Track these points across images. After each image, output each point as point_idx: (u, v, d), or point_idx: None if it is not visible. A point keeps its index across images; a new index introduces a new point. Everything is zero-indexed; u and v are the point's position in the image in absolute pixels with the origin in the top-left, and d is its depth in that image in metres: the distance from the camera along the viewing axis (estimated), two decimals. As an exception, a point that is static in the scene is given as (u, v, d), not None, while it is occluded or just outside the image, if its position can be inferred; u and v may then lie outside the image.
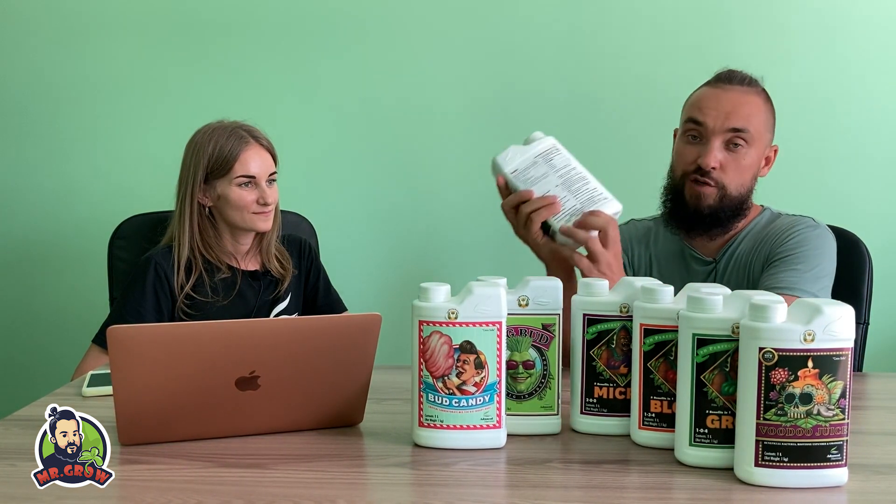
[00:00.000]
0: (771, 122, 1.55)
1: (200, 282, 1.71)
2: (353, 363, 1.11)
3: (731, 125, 1.47)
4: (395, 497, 0.94)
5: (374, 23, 2.29)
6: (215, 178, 1.71)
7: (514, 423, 1.09)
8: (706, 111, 1.50)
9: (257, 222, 1.73)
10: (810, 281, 1.44)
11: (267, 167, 1.73)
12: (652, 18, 2.25)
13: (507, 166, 1.40)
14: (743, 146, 1.48)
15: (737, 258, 1.55)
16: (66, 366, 1.96)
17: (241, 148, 1.70)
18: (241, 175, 1.69)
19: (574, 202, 1.34)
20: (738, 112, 1.48)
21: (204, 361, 1.04)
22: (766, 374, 0.92)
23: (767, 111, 1.53)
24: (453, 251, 2.32)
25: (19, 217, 2.40)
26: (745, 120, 1.47)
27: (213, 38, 2.32)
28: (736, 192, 1.50)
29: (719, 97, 1.50)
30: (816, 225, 1.52)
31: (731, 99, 1.49)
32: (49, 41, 2.34)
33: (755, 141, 1.49)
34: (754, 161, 1.50)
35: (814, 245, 1.48)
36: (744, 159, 1.48)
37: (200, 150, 1.71)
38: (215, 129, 1.72)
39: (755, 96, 1.51)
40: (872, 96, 2.22)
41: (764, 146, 1.53)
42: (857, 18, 2.21)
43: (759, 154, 1.51)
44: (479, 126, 2.31)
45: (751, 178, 1.52)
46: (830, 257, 1.51)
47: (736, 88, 1.50)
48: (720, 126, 1.48)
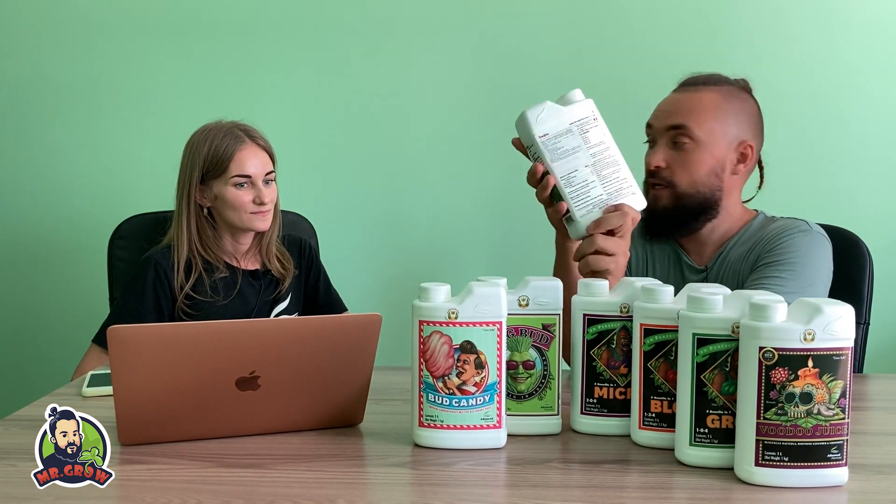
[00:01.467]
0: (734, 118, 1.48)
1: (200, 282, 1.71)
2: (353, 363, 1.11)
3: (670, 123, 1.47)
4: (395, 497, 0.94)
5: (373, 22, 2.29)
6: (211, 179, 1.71)
7: (514, 423, 1.09)
8: (654, 114, 1.52)
9: (255, 222, 1.72)
10: (795, 290, 1.38)
11: (263, 167, 1.73)
12: (652, 18, 2.25)
13: (538, 128, 1.26)
14: (688, 143, 1.46)
15: (729, 264, 1.52)
16: (66, 366, 1.96)
17: (236, 147, 1.70)
18: (236, 175, 1.69)
19: (601, 191, 1.25)
20: (678, 110, 1.47)
21: (204, 361, 1.04)
22: (767, 374, 0.92)
23: (727, 105, 1.48)
24: (453, 251, 2.32)
25: (19, 217, 2.40)
26: (685, 116, 1.46)
27: (213, 39, 2.32)
28: (690, 189, 1.47)
29: (668, 100, 1.51)
30: (808, 230, 1.48)
31: (676, 99, 1.50)
32: (49, 42, 2.34)
33: (704, 136, 1.46)
34: (708, 157, 1.46)
35: (803, 252, 1.44)
36: (690, 155, 1.46)
37: (196, 151, 1.71)
38: (211, 130, 1.72)
39: (707, 93, 1.48)
40: (873, 96, 2.22)
41: (724, 142, 1.48)
42: (858, 18, 2.21)
43: (714, 150, 1.47)
44: (479, 126, 2.31)
45: (708, 175, 1.47)
46: (821, 264, 1.47)
47: (687, 90, 1.50)
48: (662, 125, 1.48)
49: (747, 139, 1.50)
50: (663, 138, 1.49)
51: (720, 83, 1.51)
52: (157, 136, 2.35)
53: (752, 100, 1.55)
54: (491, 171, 2.32)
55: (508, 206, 2.32)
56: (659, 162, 1.48)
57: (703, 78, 1.52)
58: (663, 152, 1.48)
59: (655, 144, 1.51)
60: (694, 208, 1.49)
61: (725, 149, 1.49)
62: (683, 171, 1.47)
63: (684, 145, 1.47)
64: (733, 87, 1.53)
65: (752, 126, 1.52)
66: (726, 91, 1.50)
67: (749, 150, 1.50)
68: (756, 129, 1.53)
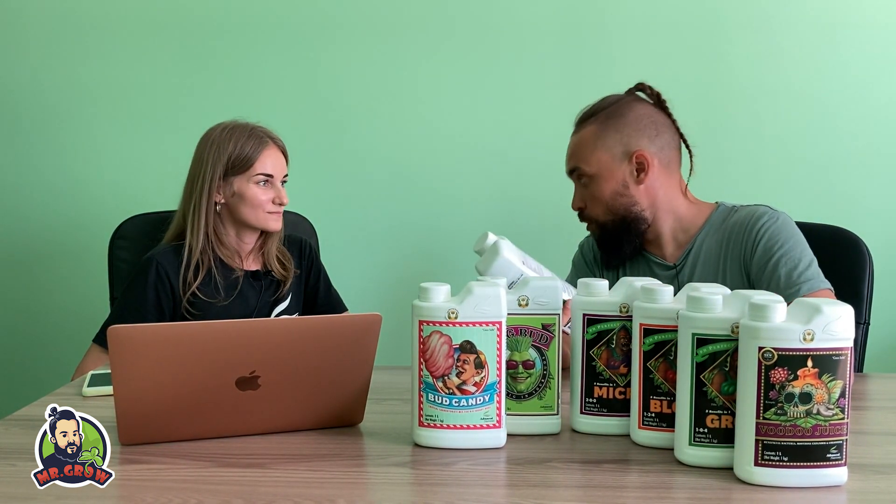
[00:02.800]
0: (616, 138, 1.55)
1: (207, 280, 1.72)
2: (353, 363, 1.11)
3: (569, 168, 1.61)
4: (395, 497, 0.94)
5: (373, 23, 2.29)
6: (234, 175, 1.72)
7: (514, 423, 1.09)
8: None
9: (269, 222, 1.74)
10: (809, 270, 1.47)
11: (282, 168, 1.76)
12: (653, 19, 2.25)
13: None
14: (585, 179, 1.58)
15: (703, 259, 1.57)
16: (66, 366, 1.96)
17: (261, 147, 1.73)
18: (260, 173, 1.71)
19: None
20: (571, 154, 1.60)
21: (204, 361, 1.04)
22: (766, 374, 0.92)
23: (606, 131, 1.55)
24: (453, 251, 2.32)
25: (20, 217, 2.40)
26: (575, 159, 1.58)
27: (213, 40, 2.32)
28: (607, 216, 1.58)
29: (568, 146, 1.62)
30: (776, 214, 1.55)
31: (570, 144, 1.61)
32: (50, 42, 2.34)
33: (594, 169, 1.55)
34: (606, 185, 1.55)
35: (787, 235, 1.51)
36: (592, 190, 1.57)
37: (220, 147, 1.72)
38: (234, 128, 1.74)
39: (585, 129, 1.58)
40: (872, 96, 2.22)
41: (613, 164, 1.55)
42: (858, 18, 2.21)
43: (609, 175, 1.55)
44: (479, 126, 2.31)
45: (613, 197, 1.56)
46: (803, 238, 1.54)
47: (575, 132, 1.61)
48: (567, 171, 1.62)
49: (637, 148, 1.55)
50: (574, 182, 1.62)
51: (599, 111, 1.58)
52: (157, 136, 2.35)
53: (635, 107, 1.58)
54: (491, 171, 2.32)
55: (508, 207, 2.32)
56: (577, 204, 1.61)
57: (587, 113, 1.61)
58: (577, 193, 1.61)
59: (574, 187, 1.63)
60: (619, 229, 1.58)
61: (618, 168, 1.56)
62: (595, 204, 1.59)
63: (585, 182, 1.58)
64: (613, 106, 1.57)
65: (637, 132, 1.56)
66: (603, 117, 1.57)
67: (644, 157, 1.55)
68: (643, 133, 1.56)
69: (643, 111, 1.58)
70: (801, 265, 1.47)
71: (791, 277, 1.46)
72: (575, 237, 1.80)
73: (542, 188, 2.28)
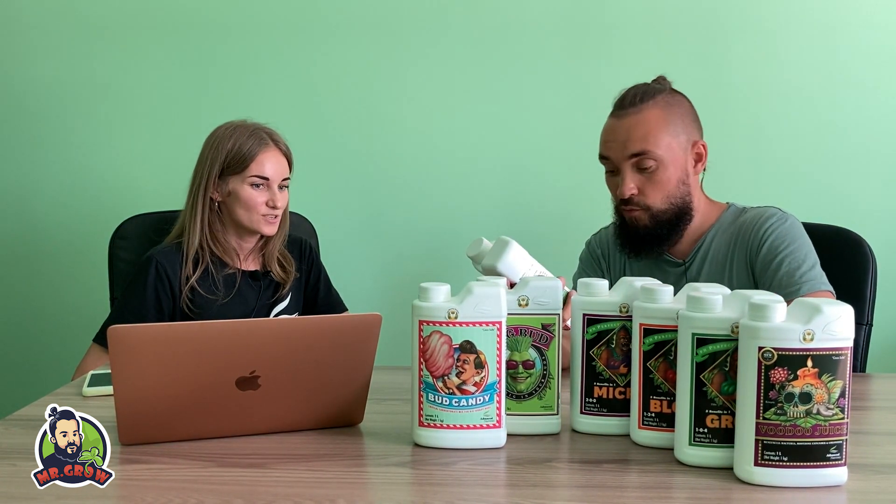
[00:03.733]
0: (681, 124, 1.53)
1: (205, 275, 1.72)
2: (353, 363, 1.11)
3: (631, 151, 1.50)
4: (395, 497, 0.94)
5: (374, 24, 2.29)
6: (229, 174, 1.72)
7: (514, 423, 1.09)
8: (608, 145, 1.54)
9: (262, 225, 1.73)
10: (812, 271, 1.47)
11: (281, 171, 1.74)
12: (653, 19, 2.25)
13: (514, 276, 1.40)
14: (652, 165, 1.50)
15: (711, 257, 1.57)
16: (66, 365, 1.96)
17: (260, 148, 1.72)
18: (255, 175, 1.71)
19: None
20: (633, 136, 1.50)
21: (204, 361, 1.04)
22: (766, 374, 0.92)
23: (671, 116, 1.52)
24: (453, 251, 2.32)
25: (20, 217, 2.40)
26: (642, 141, 1.49)
27: (214, 40, 2.32)
28: (665, 205, 1.53)
29: (615, 128, 1.53)
30: (785, 216, 1.55)
31: (625, 126, 1.51)
32: (51, 43, 2.34)
33: (664, 153, 1.50)
34: (672, 172, 1.51)
35: (794, 236, 1.51)
36: (658, 176, 1.51)
37: (220, 145, 1.72)
38: (238, 127, 1.74)
39: (649, 111, 1.51)
40: (874, 95, 2.22)
41: (680, 151, 1.52)
42: (858, 18, 2.21)
43: (675, 162, 1.52)
44: (479, 126, 2.31)
45: (677, 186, 1.52)
46: (809, 241, 1.54)
47: (629, 112, 1.52)
48: (622, 156, 1.51)
49: (697, 138, 1.56)
50: (625, 165, 1.51)
51: (654, 95, 1.53)
52: (157, 136, 2.35)
53: (681, 97, 1.58)
54: (491, 171, 2.32)
55: (509, 207, 2.32)
56: (632, 190, 1.52)
57: (637, 95, 1.53)
58: (631, 179, 1.51)
59: (618, 173, 1.53)
60: (672, 220, 1.54)
61: (683, 156, 1.53)
62: (656, 192, 1.52)
63: (649, 168, 1.50)
64: (665, 93, 1.55)
65: (694, 122, 1.57)
66: (663, 102, 1.53)
67: (702, 148, 1.56)
68: (697, 124, 1.57)
69: (688, 102, 1.57)
70: (804, 266, 1.47)
71: (793, 277, 1.46)
72: (575, 237, 1.80)
73: (543, 188, 2.28)
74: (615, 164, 1.53)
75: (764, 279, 1.50)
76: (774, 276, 1.48)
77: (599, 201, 1.66)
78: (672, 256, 1.61)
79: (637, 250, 1.59)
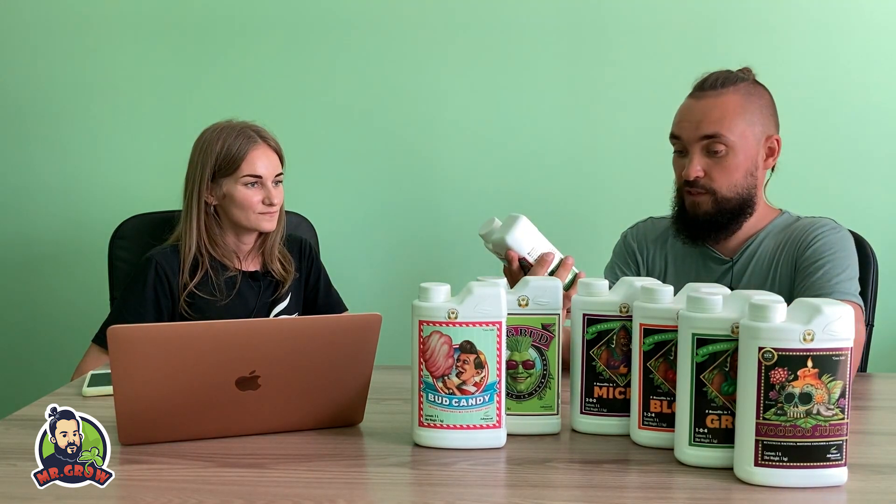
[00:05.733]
0: (759, 115, 1.51)
1: (204, 280, 1.72)
2: (353, 363, 1.11)
3: (703, 133, 1.48)
4: (395, 497, 0.94)
5: (373, 23, 2.29)
6: (222, 177, 1.71)
7: (514, 423, 1.09)
8: (681, 125, 1.53)
9: (262, 222, 1.73)
10: (848, 282, 1.45)
11: (274, 168, 1.74)
12: (653, 18, 2.25)
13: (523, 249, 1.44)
14: (722, 150, 1.48)
15: (758, 258, 1.55)
16: (66, 365, 1.96)
17: (248, 147, 1.71)
18: (247, 174, 1.70)
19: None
20: (707, 118, 1.48)
21: (204, 361, 1.04)
22: (766, 374, 0.92)
23: (750, 105, 1.51)
24: (453, 251, 2.32)
25: (20, 217, 2.40)
26: (717, 124, 1.48)
27: (213, 39, 2.32)
28: (730, 192, 1.51)
29: (692, 108, 1.52)
30: (838, 227, 1.54)
31: (702, 107, 1.50)
32: (50, 42, 2.34)
33: (737, 141, 1.48)
34: (742, 159, 1.50)
35: (841, 247, 1.50)
36: (727, 161, 1.49)
37: (208, 149, 1.71)
38: (224, 128, 1.73)
39: (729, 96, 1.49)
40: (877, 96, 2.22)
41: (753, 141, 1.50)
42: (860, 17, 2.20)
43: (746, 151, 1.50)
44: (479, 126, 2.31)
45: (745, 176, 1.51)
46: (856, 258, 1.52)
47: (708, 94, 1.50)
48: (694, 136, 1.50)
49: (772, 133, 1.54)
50: (695, 147, 1.50)
51: (736, 81, 1.52)
52: (157, 136, 2.35)
53: (763, 90, 1.56)
54: (491, 170, 2.31)
55: (509, 207, 2.31)
56: (698, 172, 1.49)
57: (719, 79, 1.52)
58: (699, 161, 1.50)
59: (687, 153, 1.52)
60: (734, 210, 1.52)
61: (756, 147, 1.51)
62: (723, 177, 1.50)
63: (719, 152, 1.49)
64: (747, 82, 1.53)
65: (772, 116, 1.55)
66: (745, 90, 1.51)
67: (776, 143, 1.54)
68: (774, 119, 1.56)
69: (770, 96, 1.55)
70: (842, 275, 1.45)
71: (829, 281, 1.44)
72: (576, 237, 1.80)
73: (544, 189, 2.28)
74: (685, 145, 1.52)
75: (802, 279, 1.48)
76: (811, 278, 1.46)
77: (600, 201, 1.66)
78: (719, 253, 1.58)
79: (693, 237, 1.57)
